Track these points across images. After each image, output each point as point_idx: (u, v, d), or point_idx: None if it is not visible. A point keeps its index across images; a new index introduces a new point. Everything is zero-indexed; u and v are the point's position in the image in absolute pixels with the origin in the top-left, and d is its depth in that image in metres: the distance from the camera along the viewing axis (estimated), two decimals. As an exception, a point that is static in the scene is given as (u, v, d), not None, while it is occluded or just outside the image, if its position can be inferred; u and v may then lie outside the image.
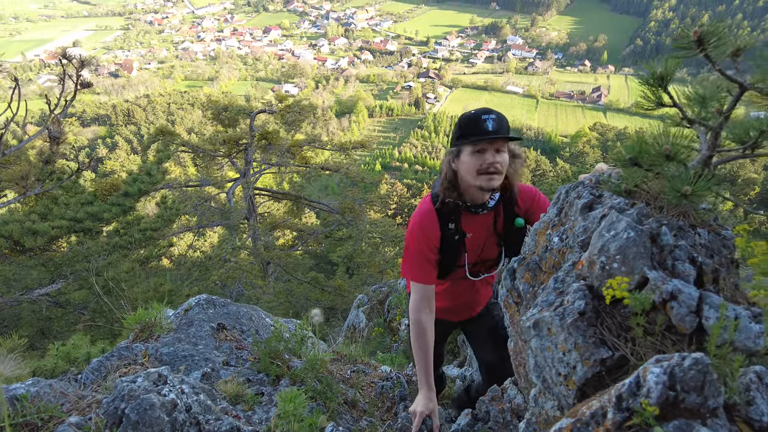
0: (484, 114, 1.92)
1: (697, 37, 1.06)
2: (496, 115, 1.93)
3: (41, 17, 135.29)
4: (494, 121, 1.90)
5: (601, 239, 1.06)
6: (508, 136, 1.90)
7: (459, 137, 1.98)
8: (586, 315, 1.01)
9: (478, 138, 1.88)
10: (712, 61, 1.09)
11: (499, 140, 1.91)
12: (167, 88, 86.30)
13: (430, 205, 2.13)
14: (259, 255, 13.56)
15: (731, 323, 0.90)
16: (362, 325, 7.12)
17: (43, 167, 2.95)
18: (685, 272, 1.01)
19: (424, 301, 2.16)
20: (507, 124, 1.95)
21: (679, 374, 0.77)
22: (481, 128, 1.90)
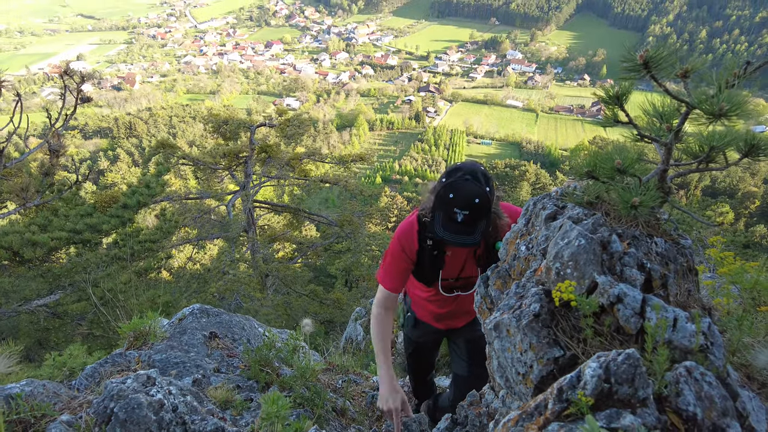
0: (457, 207, 1.82)
1: (643, 60, 1.15)
2: (471, 209, 1.81)
3: (46, 31, 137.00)
4: (466, 216, 1.82)
5: (555, 247, 1.15)
6: (470, 243, 1.83)
7: (435, 205, 1.93)
8: (541, 317, 1.09)
9: (444, 236, 1.85)
10: (658, 81, 1.18)
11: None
12: (169, 102, 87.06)
13: (414, 219, 2.21)
14: (258, 267, 13.61)
15: (670, 323, 0.98)
16: (360, 338, 7.15)
17: (43, 179, 3.04)
18: (632, 277, 1.09)
19: (385, 301, 2.30)
20: (484, 212, 1.84)
21: (613, 368, 0.85)
22: (450, 217, 1.84)
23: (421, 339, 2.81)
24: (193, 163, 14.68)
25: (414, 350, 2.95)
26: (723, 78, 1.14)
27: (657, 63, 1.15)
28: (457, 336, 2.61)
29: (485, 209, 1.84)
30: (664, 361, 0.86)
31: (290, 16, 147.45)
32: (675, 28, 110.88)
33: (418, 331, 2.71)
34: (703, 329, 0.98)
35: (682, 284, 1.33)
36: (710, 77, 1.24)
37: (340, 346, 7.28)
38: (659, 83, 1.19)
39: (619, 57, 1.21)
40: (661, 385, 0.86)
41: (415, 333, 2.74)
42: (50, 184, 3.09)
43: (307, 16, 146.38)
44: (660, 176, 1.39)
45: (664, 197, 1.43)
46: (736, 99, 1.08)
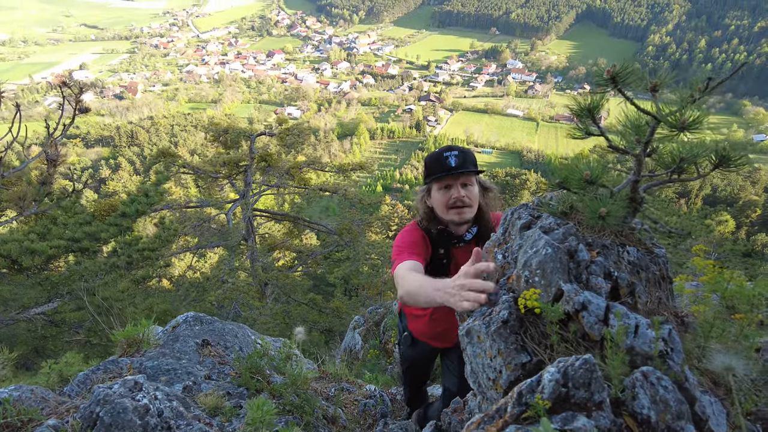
0: (446, 151, 2.03)
1: (610, 75, 1.20)
2: (459, 151, 2.04)
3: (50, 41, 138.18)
4: (456, 157, 2.00)
5: (525, 255, 1.18)
6: (468, 170, 1.99)
7: (426, 176, 2.08)
8: (509, 323, 1.12)
9: (442, 174, 1.99)
10: (624, 95, 1.23)
11: (463, 175, 2.00)
12: (171, 110, 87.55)
13: (416, 225, 2.23)
14: (257, 276, 13.63)
15: (631, 330, 1.01)
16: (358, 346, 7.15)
17: (40, 188, 3.09)
18: (597, 285, 1.13)
19: (408, 266, 1.97)
20: (471, 158, 2.04)
21: (571, 373, 0.88)
22: (444, 165, 1.99)
23: (418, 356, 2.84)
24: (193, 172, 14.78)
25: (411, 365, 3.00)
26: (686, 93, 1.18)
27: (623, 78, 1.20)
28: (451, 352, 2.64)
29: (471, 155, 2.03)
30: (618, 366, 0.89)
31: (292, 26, 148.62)
32: (674, 37, 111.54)
33: (416, 349, 2.74)
34: (663, 335, 1.02)
35: (654, 292, 1.37)
36: (678, 91, 1.29)
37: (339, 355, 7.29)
38: (626, 97, 1.23)
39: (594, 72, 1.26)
40: (618, 389, 0.89)
41: (412, 351, 2.77)
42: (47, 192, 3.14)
43: (308, 26, 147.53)
44: (632, 187, 1.43)
45: (637, 207, 1.47)
46: (698, 113, 1.13)
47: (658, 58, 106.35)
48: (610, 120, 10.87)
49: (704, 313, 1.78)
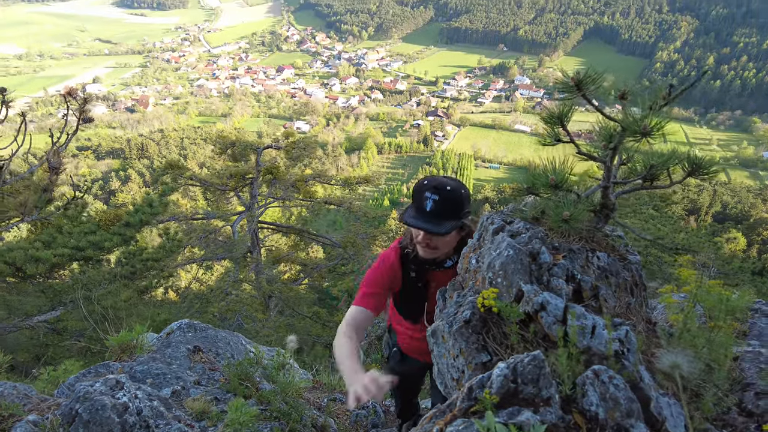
0: (430, 191, 1.81)
1: (575, 82, 1.23)
2: (442, 196, 1.79)
3: (65, 55, 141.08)
4: (435, 203, 1.78)
5: (489, 257, 1.21)
6: (436, 231, 1.77)
7: (411, 200, 1.96)
8: (471, 323, 1.14)
9: (409, 221, 1.84)
10: (589, 101, 1.26)
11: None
12: (181, 124, 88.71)
13: (396, 248, 2.19)
14: (261, 288, 13.65)
15: (588, 330, 1.03)
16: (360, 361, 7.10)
17: (41, 195, 3.16)
18: (558, 287, 1.15)
19: (354, 320, 2.08)
20: (451, 208, 1.80)
21: (520, 369, 0.90)
22: (420, 206, 1.82)
23: (407, 371, 2.83)
24: (200, 184, 14.93)
25: (401, 380, 2.97)
26: (647, 101, 1.21)
27: (587, 84, 1.23)
28: None
29: (456, 203, 1.79)
30: (567, 364, 0.91)
31: (302, 41, 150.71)
32: (682, 54, 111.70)
33: (405, 365, 2.72)
34: (619, 336, 1.03)
35: (623, 298, 1.38)
36: (643, 99, 1.32)
37: (339, 368, 7.25)
38: (591, 103, 1.26)
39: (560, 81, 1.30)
40: (567, 387, 0.91)
41: (402, 367, 2.75)
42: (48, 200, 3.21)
43: (318, 42, 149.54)
44: (603, 193, 1.45)
45: (608, 213, 1.49)
46: (658, 120, 1.15)
47: (667, 74, 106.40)
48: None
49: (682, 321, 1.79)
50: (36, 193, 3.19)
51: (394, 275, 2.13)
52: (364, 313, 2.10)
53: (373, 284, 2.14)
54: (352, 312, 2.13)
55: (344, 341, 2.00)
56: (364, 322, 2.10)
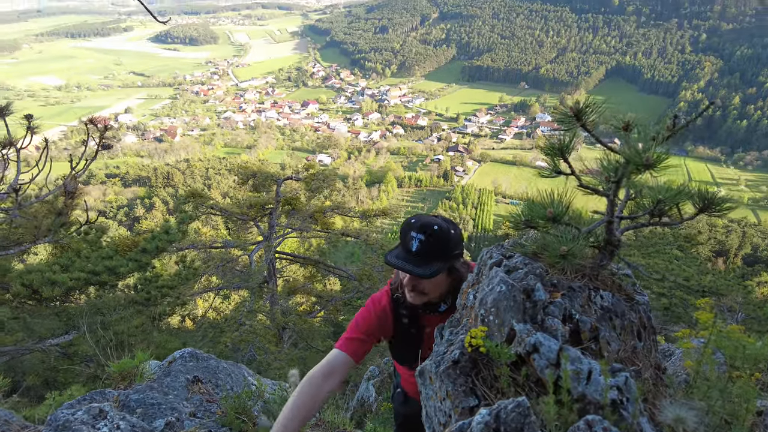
0: (415, 230, 1.70)
1: (574, 112, 1.19)
2: (428, 235, 1.68)
3: (100, 86, 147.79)
4: (421, 243, 1.67)
5: (482, 293, 1.14)
6: (418, 273, 1.65)
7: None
8: (460, 364, 1.07)
9: (393, 261, 1.73)
10: (589, 131, 1.21)
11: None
12: (207, 154, 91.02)
13: (388, 291, 2.04)
14: (275, 319, 13.58)
15: (584, 376, 0.95)
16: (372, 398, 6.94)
17: (56, 219, 3.22)
18: (553, 327, 1.07)
19: (330, 365, 1.89)
20: (440, 246, 1.69)
21: (503, 416, 0.82)
22: (406, 246, 1.71)
23: (411, 413, 2.73)
24: (221, 213, 15.17)
25: (404, 421, 2.88)
26: (651, 132, 1.16)
27: (587, 114, 1.19)
28: None
29: (443, 244, 1.68)
30: (554, 412, 0.83)
31: (327, 77, 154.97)
32: (706, 94, 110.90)
33: (408, 407, 2.62)
34: (618, 384, 0.95)
35: (629, 341, 1.29)
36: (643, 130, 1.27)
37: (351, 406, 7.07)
38: (591, 134, 1.21)
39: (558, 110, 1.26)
40: (556, 438, 0.83)
41: (405, 408, 2.66)
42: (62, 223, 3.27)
43: (342, 78, 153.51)
44: (607, 228, 1.38)
45: (613, 250, 1.41)
46: (661, 153, 1.10)
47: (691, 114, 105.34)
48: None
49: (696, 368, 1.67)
50: (51, 216, 3.25)
51: (385, 321, 1.98)
52: (343, 359, 1.92)
53: (359, 329, 1.98)
54: (329, 356, 1.94)
55: (304, 389, 1.79)
56: (341, 368, 1.90)
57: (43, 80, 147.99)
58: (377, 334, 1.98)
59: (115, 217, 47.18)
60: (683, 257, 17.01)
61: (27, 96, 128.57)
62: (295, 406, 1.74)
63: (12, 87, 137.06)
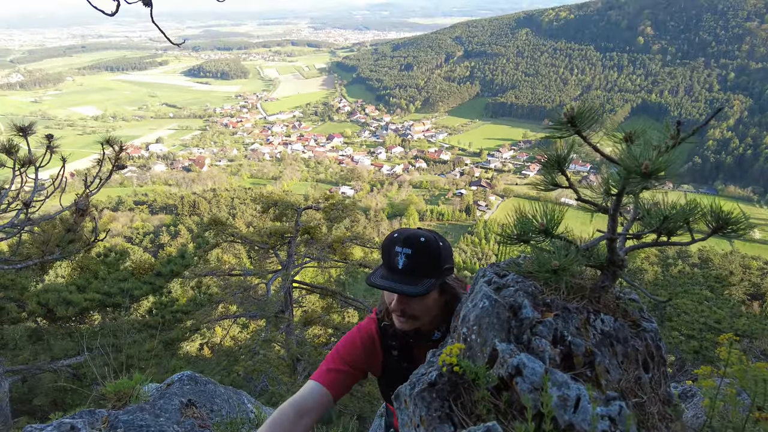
0: (399, 245, 1.50)
1: (568, 118, 1.11)
2: (416, 249, 1.49)
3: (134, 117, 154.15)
4: (408, 258, 1.47)
5: (464, 309, 1.05)
6: (410, 292, 1.43)
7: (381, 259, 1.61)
8: (437, 386, 0.97)
9: (378, 282, 1.51)
10: (585, 139, 1.13)
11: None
12: (233, 184, 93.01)
13: (375, 321, 1.80)
14: (290, 350, 13.43)
15: (571, 403, 0.84)
16: (383, 435, 6.67)
17: (65, 235, 3.25)
18: (539, 348, 0.97)
19: (304, 400, 1.57)
20: (430, 260, 1.50)
21: (471, 442, 0.72)
22: (391, 264, 1.51)
23: None
24: (241, 241, 15.32)
25: None
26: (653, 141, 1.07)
27: (583, 120, 1.11)
28: None
29: (433, 256, 1.49)
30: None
31: (352, 112, 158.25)
32: (736, 132, 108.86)
33: None
34: (610, 413, 0.84)
35: (632, 370, 1.17)
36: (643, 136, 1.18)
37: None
38: (587, 141, 1.14)
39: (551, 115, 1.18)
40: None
41: None
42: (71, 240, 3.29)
43: (367, 113, 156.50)
44: (609, 247, 1.28)
45: (616, 271, 1.31)
46: (664, 158, 1.01)
47: (720, 152, 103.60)
48: None
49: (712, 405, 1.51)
50: (60, 232, 3.28)
51: (372, 352, 1.72)
52: (319, 393, 1.59)
53: (342, 359, 1.68)
54: (304, 389, 1.64)
55: (273, 429, 1.49)
56: (318, 405, 1.58)
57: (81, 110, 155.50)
58: (362, 367, 1.71)
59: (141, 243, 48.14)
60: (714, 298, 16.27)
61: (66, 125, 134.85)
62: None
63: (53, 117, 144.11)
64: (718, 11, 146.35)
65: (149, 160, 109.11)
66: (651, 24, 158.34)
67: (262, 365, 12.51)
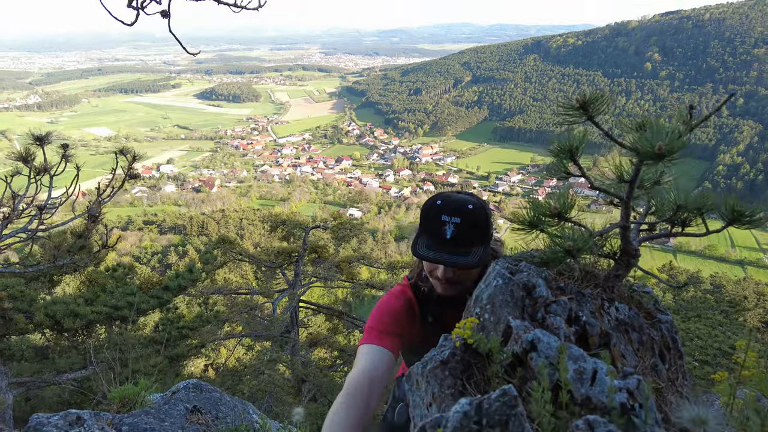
0: (447, 214, 1.46)
1: (580, 103, 1.12)
2: (465, 219, 1.45)
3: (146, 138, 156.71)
4: (456, 227, 1.44)
5: (478, 290, 1.04)
6: (463, 263, 1.41)
7: (420, 226, 1.57)
8: (449, 365, 0.95)
9: (427, 254, 1.45)
10: (597, 125, 1.14)
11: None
12: (242, 205, 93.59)
13: (410, 290, 1.74)
14: (296, 371, 13.28)
15: (588, 377, 0.82)
16: None
17: (75, 241, 3.28)
18: (554, 325, 0.96)
19: (368, 368, 1.44)
20: (479, 229, 1.48)
21: (485, 407, 0.71)
22: (437, 234, 1.46)
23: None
24: (249, 260, 15.36)
25: None
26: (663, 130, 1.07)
27: (596, 106, 1.11)
28: None
29: (481, 224, 1.47)
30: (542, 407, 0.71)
31: (361, 135, 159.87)
32: (747, 158, 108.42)
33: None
34: (628, 386, 0.82)
35: (648, 358, 1.14)
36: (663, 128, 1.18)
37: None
38: (599, 127, 1.14)
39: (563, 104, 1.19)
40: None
41: (407, 424, 2.33)
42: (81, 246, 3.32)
43: (376, 137, 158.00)
44: (622, 235, 1.26)
45: (630, 261, 1.29)
46: (674, 138, 1.00)
47: (731, 177, 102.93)
48: (681, 239, 10.33)
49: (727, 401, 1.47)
50: (72, 238, 3.31)
51: (413, 317, 1.66)
52: (388, 357, 1.48)
53: (388, 323, 1.58)
54: (368, 355, 1.48)
55: (341, 415, 1.29)
56: (387, 371, 1.46)
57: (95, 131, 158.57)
58: (404, 333, 1.61)
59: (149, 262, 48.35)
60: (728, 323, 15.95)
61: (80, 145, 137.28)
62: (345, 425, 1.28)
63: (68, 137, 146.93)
64: (725, 38, 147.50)
65: (160, 181, 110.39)
66: (658, 50, 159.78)
67: (266, 385, 12.35)
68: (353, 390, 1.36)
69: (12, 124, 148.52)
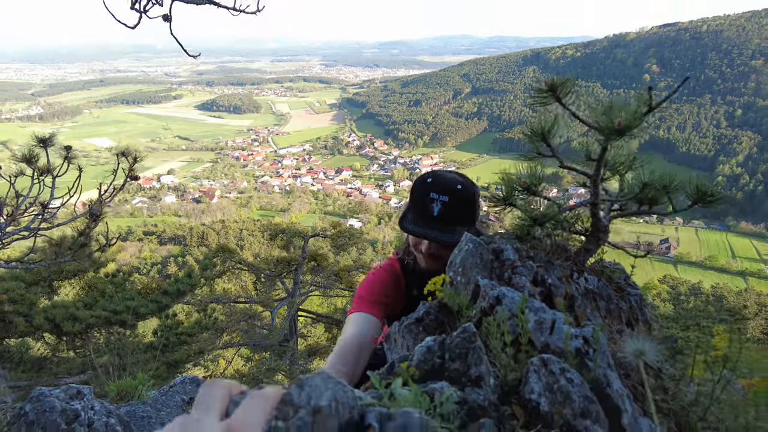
0: (435, 191, 1.52)
1: (549, 86, 1.20)
2: (452, 198, 1.51)
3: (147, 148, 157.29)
4: (444, 206, 1.49)
5: (452, 256, 1.12)
6: (446, 240, 1.46)
7: (410, 201, 1.65)
8: (423, 322, 1.03)
9: (413, 229, 1.53)
10: (564, 105, 1.22)
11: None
12: (242, 216, 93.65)
13: (398, 264, 1.82)
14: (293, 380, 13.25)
15: (547, 325, 0.90)
16: None
17: (77, 238, 3.36)
18: (520, 284, 1.03)
19: (357, 333, 1.51)
20: (465, 209, 1.55)
21: (448, 343, 0.78)
22: (425, 210, 1.52)
23: None
24: (248, 269, 15.40)
25: None
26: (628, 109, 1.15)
27: (562, 88, 1.20)
28: None
29: (469, 205, 1.53)
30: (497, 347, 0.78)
31: (361, 146, 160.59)
32: (746, 168, 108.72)
33: None
34: (584, 334, 0.89)
35: (614, 325, 1.21)
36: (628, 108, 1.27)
37: None
38: (567, 108, 1.22)
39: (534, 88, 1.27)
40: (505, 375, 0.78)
41: None
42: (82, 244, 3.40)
43: (376, 148, 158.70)
44: (592, 212, 1.34)
45: (600, 237, 1.37)
46: (631, 115, 1.09)
47: (730, 188, 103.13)
48: (681, 250, 10.37)
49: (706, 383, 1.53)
50: (73, 236, 3.39)
51: (399, 288, 1.74)
52: (376, 324, 1.56)
53: (377, 293, 1.67)
54: (357, 321, 1.55)
55: (335, 358, 1.43)
56: (374, 337, 1.53)
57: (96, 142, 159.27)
58: (391, 303, 1.70)
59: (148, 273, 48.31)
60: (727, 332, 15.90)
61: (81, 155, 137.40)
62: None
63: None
64: (722, 50, 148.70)
65: (160, 191, 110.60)
66: (657, 62, 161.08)
67: (265, 393, 12.29)
68: (344, 352, 1.45)
69: (14, 135, 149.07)
